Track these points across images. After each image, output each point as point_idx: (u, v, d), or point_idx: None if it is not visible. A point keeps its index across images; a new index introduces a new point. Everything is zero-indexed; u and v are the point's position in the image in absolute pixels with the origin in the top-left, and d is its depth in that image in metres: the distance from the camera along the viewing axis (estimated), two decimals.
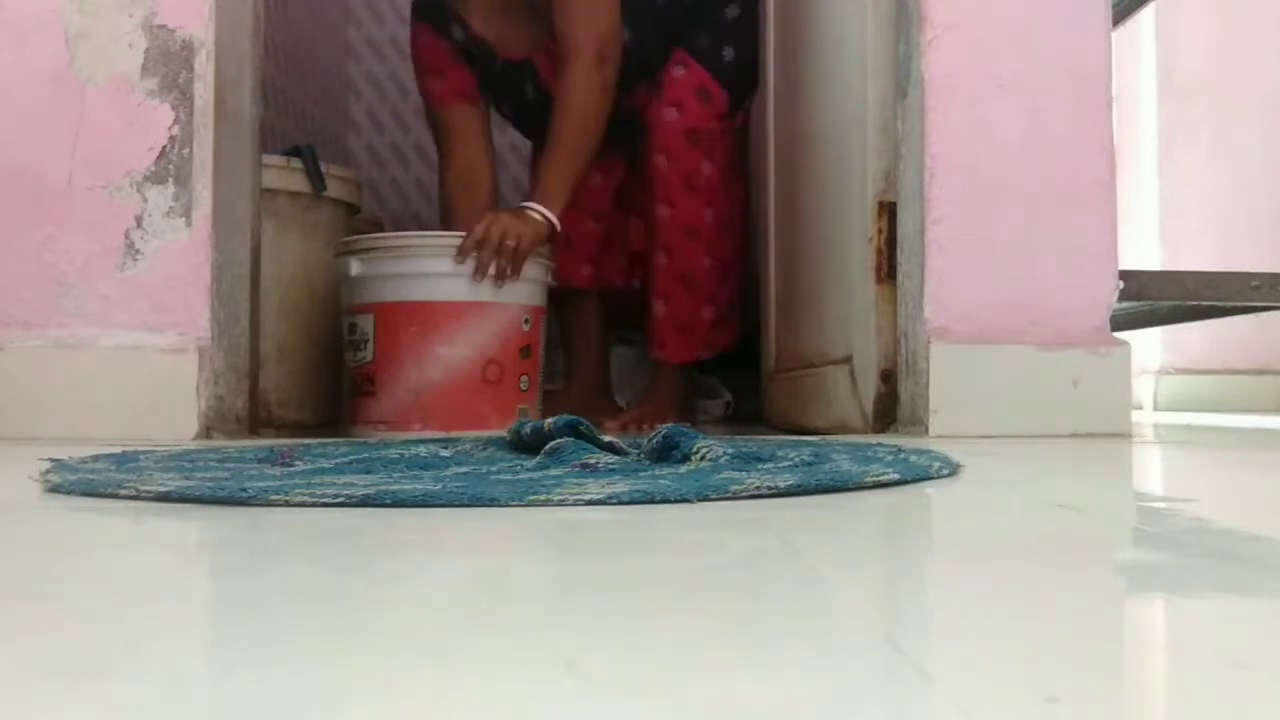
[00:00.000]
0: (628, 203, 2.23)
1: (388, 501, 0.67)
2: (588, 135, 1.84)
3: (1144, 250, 3.30)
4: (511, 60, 1.99)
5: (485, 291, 1.69)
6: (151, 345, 1.42)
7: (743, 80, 2.11)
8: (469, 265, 1.67)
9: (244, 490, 0.69)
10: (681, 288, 2.08)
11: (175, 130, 1.44)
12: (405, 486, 0.71)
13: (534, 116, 2.03)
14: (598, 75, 1.84)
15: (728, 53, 2.08)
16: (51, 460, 0.88)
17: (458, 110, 2.03)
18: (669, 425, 0.90)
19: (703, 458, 0.83)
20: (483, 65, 2.02)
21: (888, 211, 1.53)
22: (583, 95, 1.83)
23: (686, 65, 2.05)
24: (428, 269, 1.69)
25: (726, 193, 2.11)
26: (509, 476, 0.78)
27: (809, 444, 1.13)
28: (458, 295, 1.68)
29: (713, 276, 2.09)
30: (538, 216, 1.74)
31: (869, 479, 0.78)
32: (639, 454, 0.88)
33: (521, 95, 2.04)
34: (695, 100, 2.04)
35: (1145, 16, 3.21)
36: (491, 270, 1.67)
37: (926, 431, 1.43)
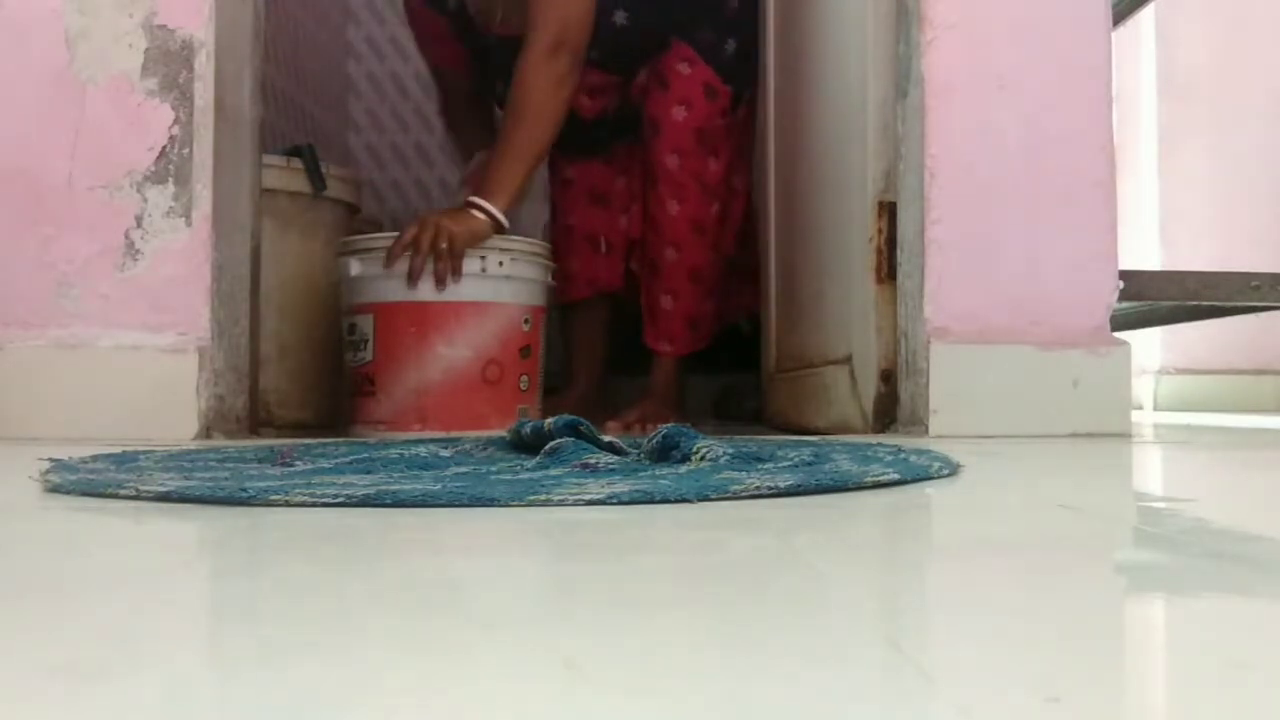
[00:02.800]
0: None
1: (388, 501, 0.67)
2: (538, 127, 1.76)
3: (1144, 250, 3.30)
4: (506, 36, 1.98)
5: (486, 291, 1.68)
6: (151, 345, 1.42)
7: (743, 74, 2.11)
8: (402, 266, 1.65)
9: (244, 490, 0.69)
10: (690, 283, 2.09)
11: (175, 130, 1.44)
12: (405, 486, 0.71)
13: None
14: (550, 65, 1.76)
15: (730, 45, 2.07)
16: (51, 460, 0.88)
17: (455, 74, 2.13)
18: (669, 425, 0.90)
19: (703, 458, 0.83)
20: (476, 39, 2.02)
21: (888, 211, 1.53)
22: (533, 86, 1.76)
23: (691, 63, 2.04)
24: (427, 269, 1.68)
25: (729, 188, 2.12)
26: (509, 476, 0.78)
27: (809, 444, 1.13)
28: (457, 295, 1.67)
29: (716, 271, 2.12)
30: (479, 215, 1.68)
31: (869, 479, 0.78)
32: (639, 454, 0.88)
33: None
34: (703, 98, 2.04)
35: (1145, 16, 3.21)
36: (430, 274, 1.64)
37: (926, 431, 1.43)
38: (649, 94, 2.06)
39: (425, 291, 1.66)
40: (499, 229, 1.70)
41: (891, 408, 1.52)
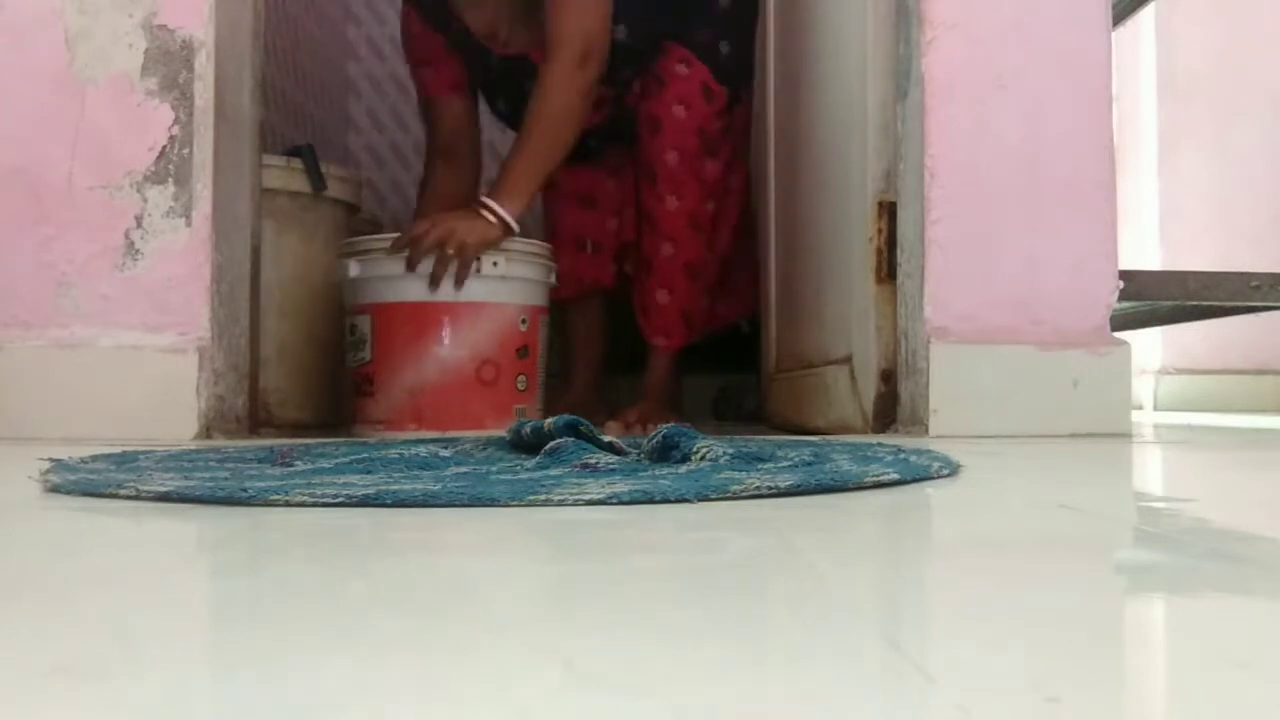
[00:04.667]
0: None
1: (388, 501, 0.67)
2: (560, 136, 1.80)
3: (1144, 250, 3.30)
4: (508, 56, 1.99)
5: (481, 291, 1.68)
6: (151, 345, 1.42)
7: (739, 75, 2.11)
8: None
9: (244, 490, 0.69)
10: (687, 278, 2.10)
11: (175, 130, 1.44)
12: (405, 486, 0.71)
13: None
14: (579, 76, 1.79)
15: (724, 47, 2.08)
16: (51, 460, 0.88)
17: (449, 100, 2.05)
18: (669, 425, 0.90)
19: (703, 458, 0.83)
20: (477, 60, 2.02)
21: (888, 211, 1.53)
22: (560, 95, 1.79)
23: (689, 64, 2.05)
24: (424, 269, 1.68)
25: (725, 188, 2.13)
26: (509, 476, 0.78)
27: (809, 444, 1.13)
28: (453, 295, 1.67)
29: (711, 268, 2.13)
30: (491, 218, 1.69)
31: (869, 479, 0.78)
32: (639, 454, 0.88)
33: (519, 91, 2.03)
34: (701, 100, 2.05)
35: (1145, 16, 3.21)
36: (425, 272, 1.65)
37: (926, 431, 1.43)
38: (646, 94, 2.06)
39: (419, 291, 1.67)
40: (509, 232, 1.71)
41: (891, 408, 1.52)
